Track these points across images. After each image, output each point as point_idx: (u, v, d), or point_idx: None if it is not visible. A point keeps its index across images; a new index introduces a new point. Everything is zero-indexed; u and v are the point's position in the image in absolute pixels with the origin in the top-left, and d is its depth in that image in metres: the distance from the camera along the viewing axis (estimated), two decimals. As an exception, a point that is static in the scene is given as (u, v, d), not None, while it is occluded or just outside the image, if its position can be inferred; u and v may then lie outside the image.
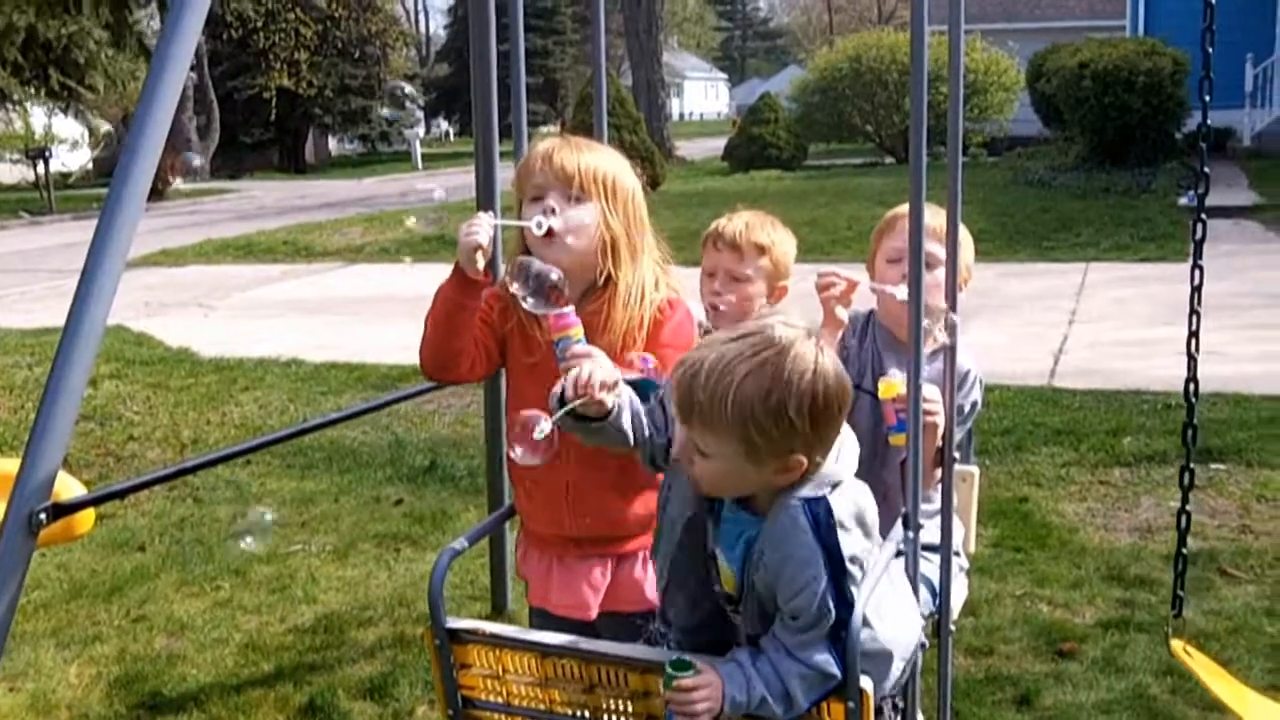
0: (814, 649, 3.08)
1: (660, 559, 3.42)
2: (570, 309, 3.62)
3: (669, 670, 3.12)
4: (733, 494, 3.24)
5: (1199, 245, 4.74)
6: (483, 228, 3.75)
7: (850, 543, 3.08)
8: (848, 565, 3.05)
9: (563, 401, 3.39)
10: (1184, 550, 5.05)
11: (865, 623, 3.12)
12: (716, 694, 3.08)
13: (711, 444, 3.07)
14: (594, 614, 3.95)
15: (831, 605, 3.04)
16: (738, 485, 3.18)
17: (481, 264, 3.77)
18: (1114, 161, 27.48)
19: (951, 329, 3.94)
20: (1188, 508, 5.01)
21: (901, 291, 4.06)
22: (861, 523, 3.15)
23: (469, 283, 3.81)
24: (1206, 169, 4.74)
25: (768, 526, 3.12)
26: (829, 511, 3.07)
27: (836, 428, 3.11)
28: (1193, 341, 4.85)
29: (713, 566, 3.36)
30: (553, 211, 3.78)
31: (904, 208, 3.98)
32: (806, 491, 3.09)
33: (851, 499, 3.15)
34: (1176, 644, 5.04)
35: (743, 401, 2.96)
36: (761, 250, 4.31)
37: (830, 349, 3.11)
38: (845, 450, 3.22)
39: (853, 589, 3.07)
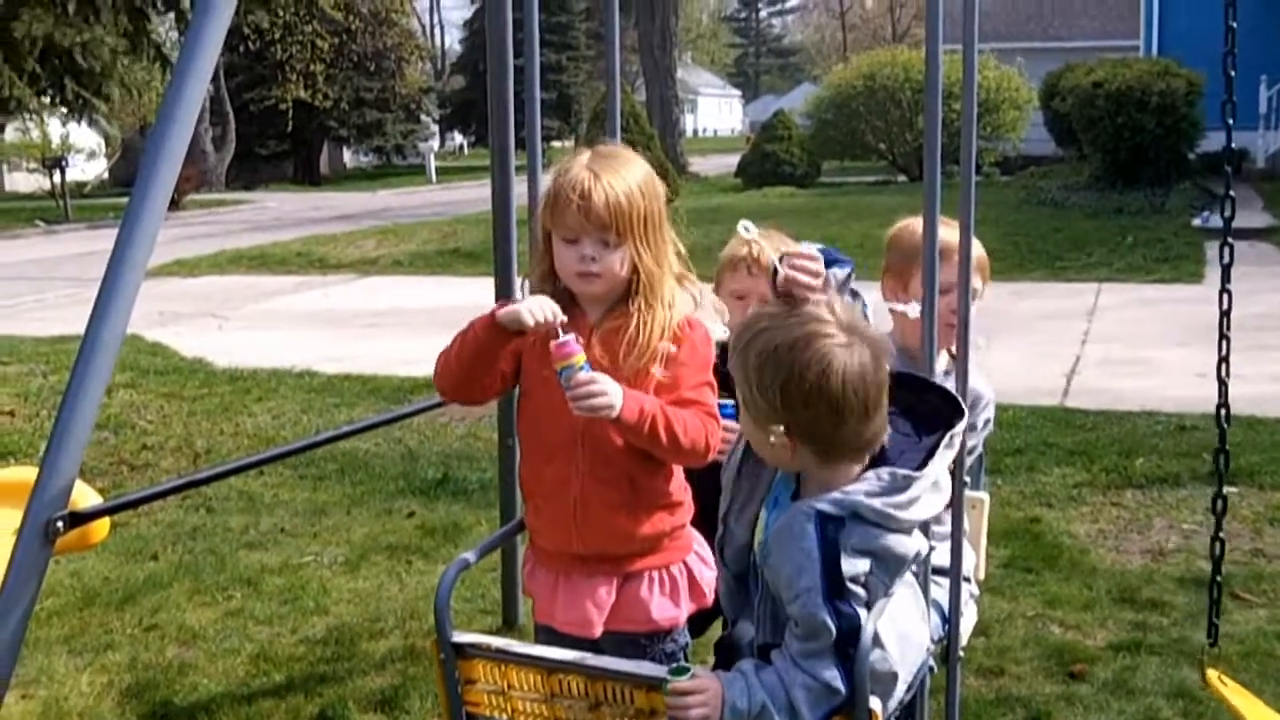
0: (819, 662, 3.07)
1: (727, 473, 3.50)
2: (572, 336, 3.62)
3: (668, 675, 3.13)
4: (766, 458, 3.30)
5: (1226, 270, 4.74)
6: (537, 318, 3.65)
7: (851, 565, 3.06)
8: (847, 584, 3.05)
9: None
10: (1219, 578, 5.04)
11: (876, 641, 3.12)
12: (715, 700, 3.08)
13: (740, 401, 3.21)
14: (598, 632, 3.92)
15: (829, 620, 3.02)
16: (766, 452, 3.25)
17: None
18: (1127, 182, 27.49)
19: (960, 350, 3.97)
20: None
21: (914, 309, 4.10)
22: (877, 559, 3.10)
23: (504, 335, 3.78)
24: (1232, 193, 4.74)
25: (779, 524, 3.16)
26: (838, 533, 3.06)
27: (822, 419, 3.09)
28: (1223, 367, 4.85)
29: (757, 523, 3.43)
30: (592, 259, 3.77)
31: (917, 224, 4.00)
32: (826, 505, 3.09)
33: (879, 540, 3.11)
34: (1212, 673, 5.02)
35: (744, 362, 3.11)
36: None
37: (882, 357, 3.14)
38: (917, 497, 3.18)
39: (858, 609, 3.06)
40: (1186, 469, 8.80)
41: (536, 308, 3.67)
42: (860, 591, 3.07)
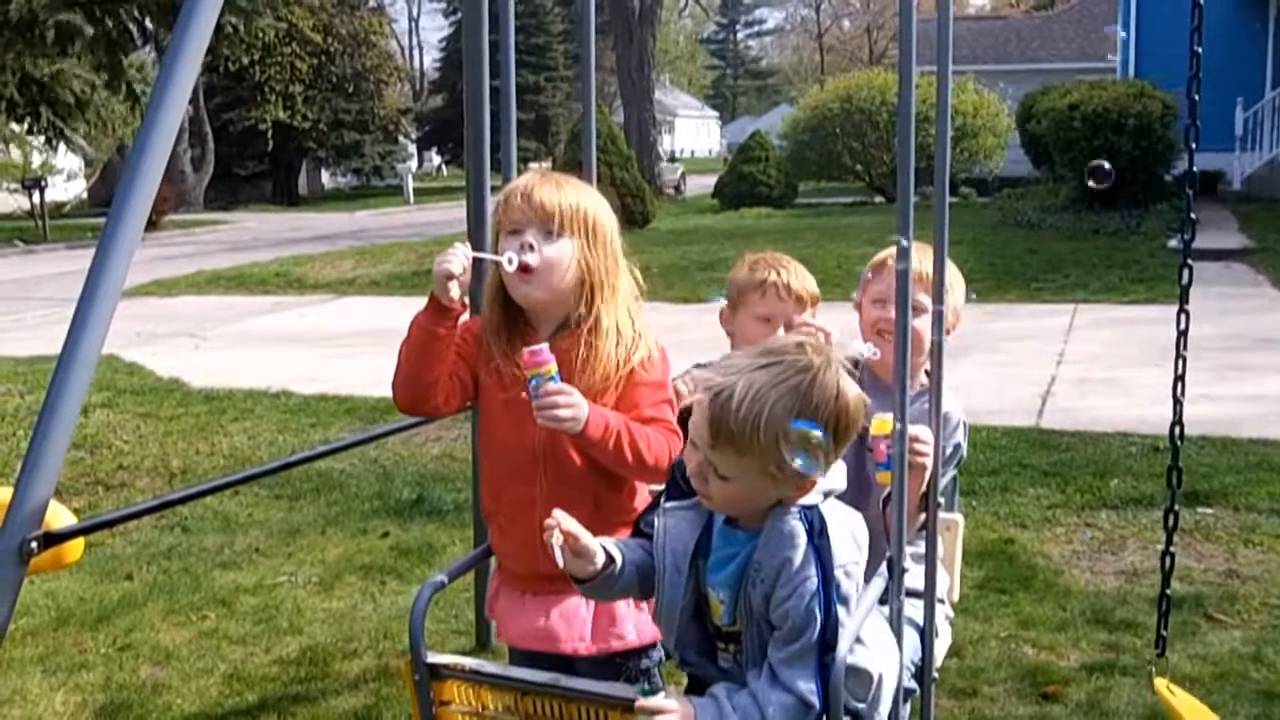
0: (798, 671, 3.06)
1: (667, 606, 3.36)
2: (544, 346, 3.65)
3: (638, 694, 3.13)
4: (741, 512, 3.25)
5: (1185, 291, 4.79)
6: (456, 257, 3.78)
7: (841, 550, 3.11)
8: (836, 571, 3.07)
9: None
10: (1168, 590, 5.07)
11: (857, 640, 3.15)
12: None
13: (736, 467, 3.10)
14: (568, 647, 3.94)
15: (818, 611, 3.04)
16: (751, 504, 3.20)
17: (455, 292, 3.80)
18: (1103, 203, 27.52)
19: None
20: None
21: (868, 349, 4.17)
22: (853, 536, 3.18)
23: (443, 310, 3.83)
24: (1194, 215, 4.79)
25: (764, 537, 3.14)
26: (822, 518, 3.12)
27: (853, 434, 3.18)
28: (1179, 385, 4.89)
29: (705, 605, 3.36)
30: (530, 248, 3.81)
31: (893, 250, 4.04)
32: (802, 499, 3.14)
33: (842, 511, 3.21)
34: (1160, 682, 5.05)
35: (775, 426, 3.01)
36: (816, 299, 4.46)
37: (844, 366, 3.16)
38: (836, 464, 3.27)
39: (840, 610, 3.08)
40: (1160, 490, 8.79)
41: (445, 260, 3.81)
42: (846, 584, 3.10)
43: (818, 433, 3.04)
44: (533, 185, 3.89)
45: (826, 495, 3.19)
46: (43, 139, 21.60)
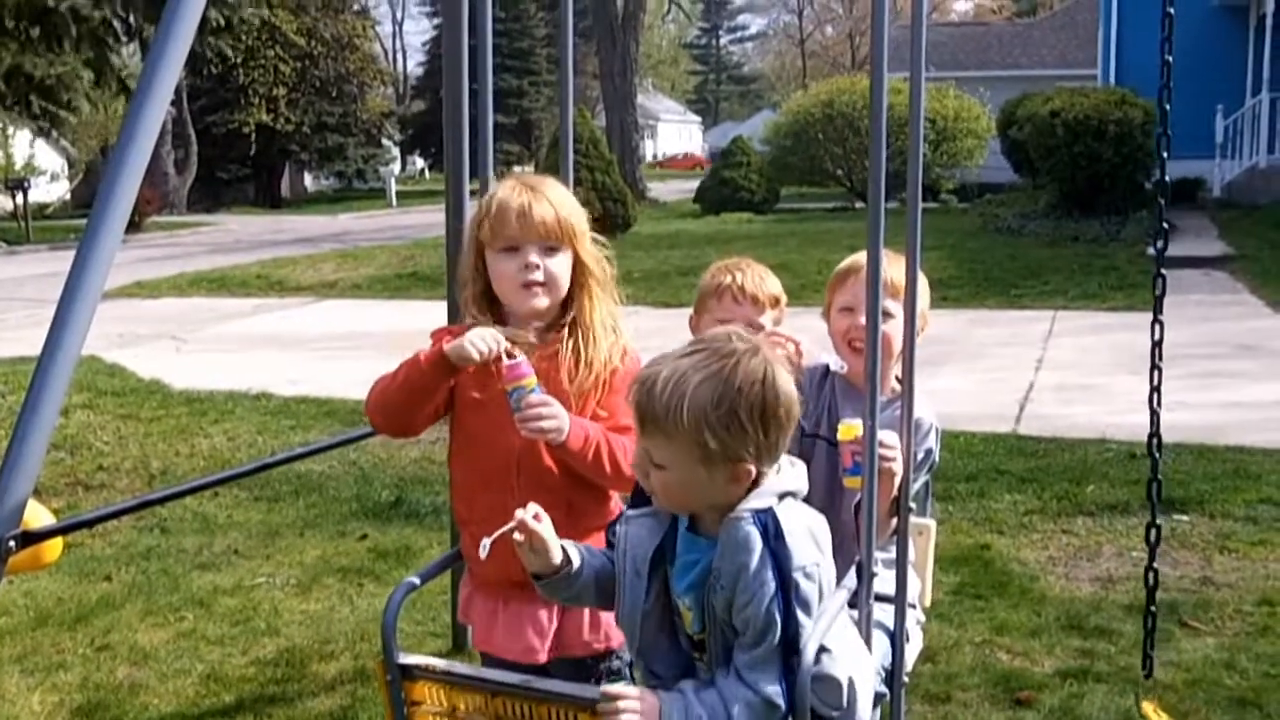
0: (763, 674, 3.08)
1: (628, 610, 3.37)
2: (523, 358, 3.67)
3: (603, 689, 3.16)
4: (688, 506, 3.26)
5: (1159, 301, 4.83)
6: (486, 346, 3.72)
7: (799, 553, 3.10)
8: (794, 575, 3.07)
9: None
10: (1153, 608, 5.10)
11: (822, 649, 3.15)
12: (651, 713, 3.08)
13: (667, 453, 3.11)
14: (542, 658, 3.95)
15: (778, 615, 3.05)
16: (693, 495, 3.20)
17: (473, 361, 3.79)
18: (1083, 210, 27.59)
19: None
20: (1155, 565, 5.08)
21: (835, 362, 4.20)
22: (812, 536, 3.16)
23: (450, 369, 3.82)
24: (1166, 224, 4.83)
25: (720, 544, 3.15)
26: (776, 520, 3.10)
27: (785, 436, 3.15)
28: (1155, 396, 4.92)
29: (677, 617, 3.37)
30: (535, 267, 3.84)
31: (860, 256, 4.06)
32: (754, 504, 3.13)
33: (800, 512, 3.19)
34: (1148, 706, 5.07)
35: (696, 407, 3.02)
36: (776, 301, 4.47)
37: (781, 364, 3.16)
38: (795, 466, 3.29)
39: (801, 613, 3.08)
40: (1136, 496, 8.82)
41: (480, 340, 3.72)
42: (808, 587, 3.10)
43: None
44: (526, 203, 3.87)
45: (782, 497, 3.18)
46: (31, 127, 21.60)
